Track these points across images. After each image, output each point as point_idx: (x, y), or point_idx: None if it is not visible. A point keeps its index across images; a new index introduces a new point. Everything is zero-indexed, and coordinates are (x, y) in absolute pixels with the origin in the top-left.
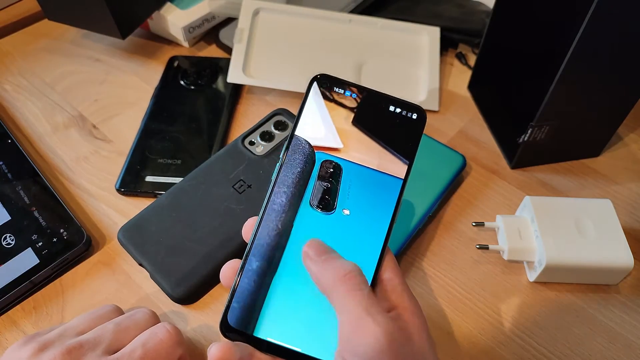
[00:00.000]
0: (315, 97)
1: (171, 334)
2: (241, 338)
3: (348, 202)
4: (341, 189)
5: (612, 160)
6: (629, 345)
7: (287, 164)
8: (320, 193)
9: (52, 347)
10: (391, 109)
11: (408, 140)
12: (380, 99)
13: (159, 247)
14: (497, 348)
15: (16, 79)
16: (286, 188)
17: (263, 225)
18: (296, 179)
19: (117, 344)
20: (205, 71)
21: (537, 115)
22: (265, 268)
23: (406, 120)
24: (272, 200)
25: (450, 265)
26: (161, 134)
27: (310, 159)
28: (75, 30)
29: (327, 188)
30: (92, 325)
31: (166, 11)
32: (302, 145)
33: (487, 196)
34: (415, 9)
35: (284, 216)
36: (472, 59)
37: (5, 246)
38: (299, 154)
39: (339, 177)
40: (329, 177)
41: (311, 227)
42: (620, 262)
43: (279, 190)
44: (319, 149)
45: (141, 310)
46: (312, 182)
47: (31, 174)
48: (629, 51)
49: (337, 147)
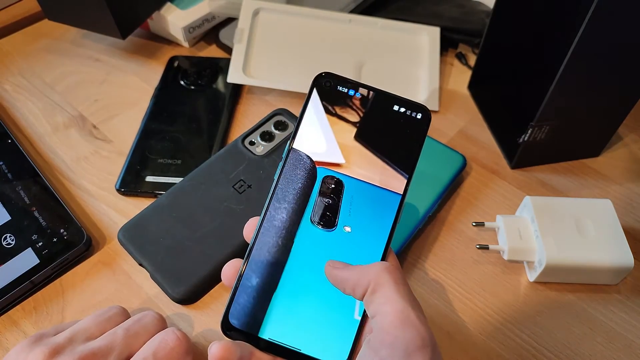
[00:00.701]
0: (317, 111)
1: (181, 340)
2: (242, 337)
3: (350, 219)
4: (343, 206)
5: (612, 160)
6: (629, 345)
7: (289, 179)
8: (322, 209)
9: (63, 353)
10: (395, 108)
11: (412, 140)
12: (384, 98)
13: (159, 247)
14: (497, 348)
15: (16, 79)
16: (287, 204)
17: (264, 233)
18: (297, 195)
19: (127, 351)
20: (205, 71)
21: (537, 115)
22: (266, 281)
23: (410, 119)
24: (272, 216)
25: (450, 265)
26: (161, 134)
27: (312, 175)
28: (75, 30)
29: (329, 204)
30: (101, 328)
31: (166, 11)
32: (304, 161)
33: (487, 196)
34: (415, 9)
35: (285, 232)
36: (472, 59)
37: (6, 246)
38: (300, 169)
39: (341, 193)
40: (330, 193)
41: (312, 243)
42: (620, 262)
43: (280, 205)
44: (320, 165)
45: (149, 313)
46: (313, 198)
47: (31, 174)
48: (629, 51)
49: (339, 163)
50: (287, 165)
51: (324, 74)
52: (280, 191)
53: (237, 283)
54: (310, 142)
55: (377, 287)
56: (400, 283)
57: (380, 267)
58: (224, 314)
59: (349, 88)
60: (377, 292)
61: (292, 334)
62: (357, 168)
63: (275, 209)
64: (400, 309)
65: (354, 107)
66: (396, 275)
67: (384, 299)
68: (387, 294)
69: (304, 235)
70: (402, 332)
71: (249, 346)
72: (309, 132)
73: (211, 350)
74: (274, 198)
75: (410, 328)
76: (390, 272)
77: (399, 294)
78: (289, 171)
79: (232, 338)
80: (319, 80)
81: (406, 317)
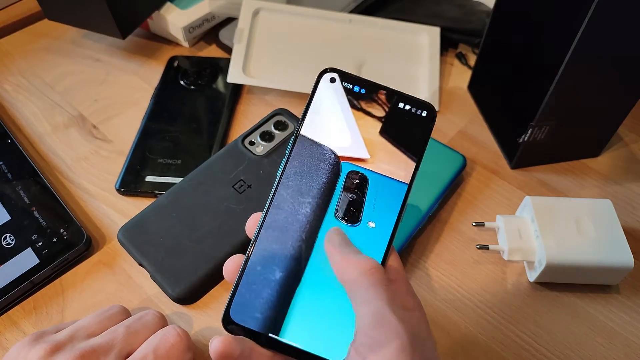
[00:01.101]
0: (342, 104)
1: (182, 337)
2: (242, 332)
3: (374, 214)
4: (367, 201)
5: (612, 160)
6: (629, 345)
7: (312, 173)
8: (346, 205)
9: (64, 349)
10: (400, 105)
11: (416, 138)
12: (391, 94)
13: (159, 247)
14: (497, 348)
15: (16, 79)
16: (311, 198)
17: (271, 226)
18: (321, 190)
19: (128, 348)
20: (205, 71)
21: (537, 115)
22: (271, 277)
23: (415, 117)
24: (296, 210)
25: (450, 265)
26: (161, 134)
27: (336, 170)
28: (75, 30)
29: (353, 200)
30: (102, 326)
31: (166, 11)
32: (328, 156)
33: (487, 196)
34: (415, 9)
35: (308, 227)
36: (472, 59)
37: (5, 246)
38: (325, 164)
39: (365, 188)
40: (354, 188)
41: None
42: (620, 262)
43: (304, 200)
44: (345, 159)
45: (150, 312)
46: (337, 193)
47: (31, 174)
48: (629, 51)
49: (364, 158)
50: (304, 159)
51: (328, 69)
52: (298, 185)
53: (238, 278)
54: (332, 136)
55: (352, 288)
56: (379, 285)
57: (359, 268)
58: (225, 308)
59: (354, 85)
60: (354, 293)
61: (292, 331)
62: (381, 163)
63: (285, 203)
64: (375, 310)
65: (377, 118)
66: (376, 277)
67: (360, 300)
68: (363, 296)
69: (326, 230)
70: (379, 334)
71: (249, 341)
72: (331, 126)
73: (212, 344)
74: (288, 192)
75: (387, 329)
76: (369, 275)
77: (377, 295)
78: (309, 165)
79: (233, 333)
80: (327, 75)
81: (382, 317)
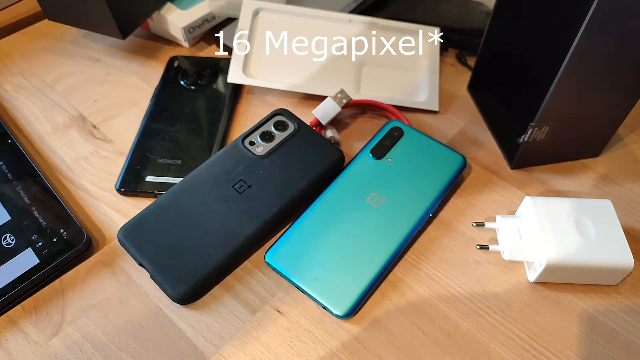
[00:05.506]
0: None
1: None
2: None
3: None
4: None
5: (612, 160)
6: (628, 345)
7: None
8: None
9: None
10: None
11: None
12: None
13: (159, 247)
14: (497, 348)
15: (16, 79)
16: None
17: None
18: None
19: None
20: (205, 71)
21: (537, 116)
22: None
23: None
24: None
25: (450, 265)
26: (161, 134)
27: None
28: (75, 30)
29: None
30: None
31: (166, 11)
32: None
33: (487, 196)
34: (415, 9)
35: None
36: (472, 59)
37: (5, 246)
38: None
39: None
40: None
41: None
42: (620, 262)
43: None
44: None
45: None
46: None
47: (31, 174)
48: (629, 51)
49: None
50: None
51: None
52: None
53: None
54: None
55: None
56: None
57: None
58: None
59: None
60: None
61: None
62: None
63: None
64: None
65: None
66: None
67: None
68: None
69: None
70: None
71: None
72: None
73: None
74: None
75: None
76: None
77: None
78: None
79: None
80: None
81: None
